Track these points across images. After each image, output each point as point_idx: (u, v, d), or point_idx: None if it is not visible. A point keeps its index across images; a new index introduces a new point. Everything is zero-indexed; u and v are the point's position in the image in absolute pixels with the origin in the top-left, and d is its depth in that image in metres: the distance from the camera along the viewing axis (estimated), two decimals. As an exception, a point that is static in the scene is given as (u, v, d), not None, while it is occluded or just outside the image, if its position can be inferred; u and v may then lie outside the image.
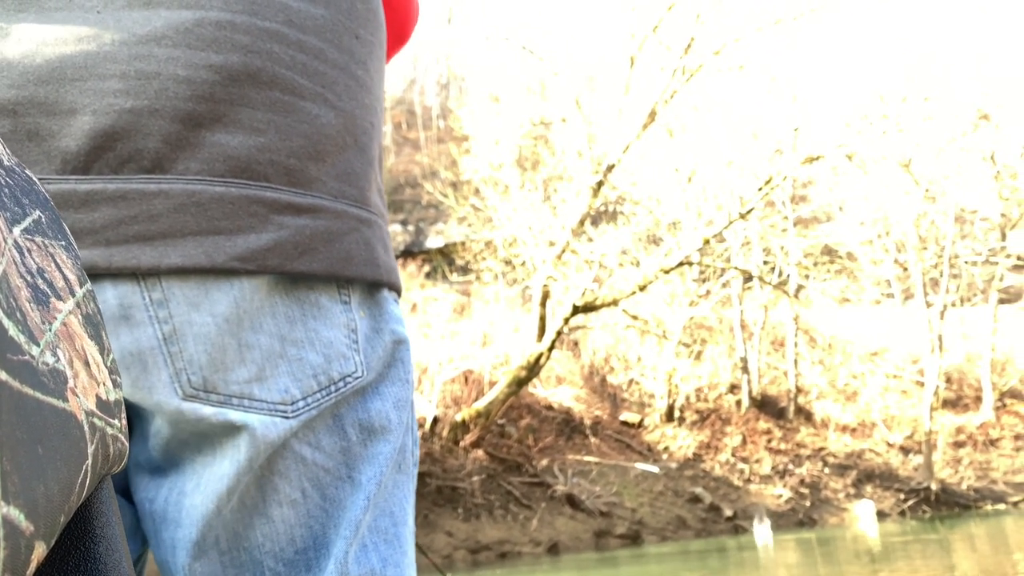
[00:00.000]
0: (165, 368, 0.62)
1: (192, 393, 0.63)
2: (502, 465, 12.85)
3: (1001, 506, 15.39)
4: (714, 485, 14.61)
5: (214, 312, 0.63)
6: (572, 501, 12.50)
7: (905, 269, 18.94)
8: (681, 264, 10.62)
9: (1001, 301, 19.17)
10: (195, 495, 0.66)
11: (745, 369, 17.16)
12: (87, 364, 0.28)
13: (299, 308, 0.67)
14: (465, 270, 18.40)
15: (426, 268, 18.51)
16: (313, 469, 0.67)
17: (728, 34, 10.82)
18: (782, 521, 14.09)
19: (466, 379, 14.46)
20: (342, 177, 0.70)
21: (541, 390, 16.07)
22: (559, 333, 11.69)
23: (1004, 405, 18.26)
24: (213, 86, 0.64)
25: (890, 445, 16.88)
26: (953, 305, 19.14)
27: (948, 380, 18.71)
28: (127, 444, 0.32)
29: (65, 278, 0.30)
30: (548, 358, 12.18)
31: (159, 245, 0.61)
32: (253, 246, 0.63)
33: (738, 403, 17.16)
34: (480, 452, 12.52)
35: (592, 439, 15.19)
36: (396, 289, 0.76)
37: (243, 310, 0.64)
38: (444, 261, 18.84)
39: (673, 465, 15.04)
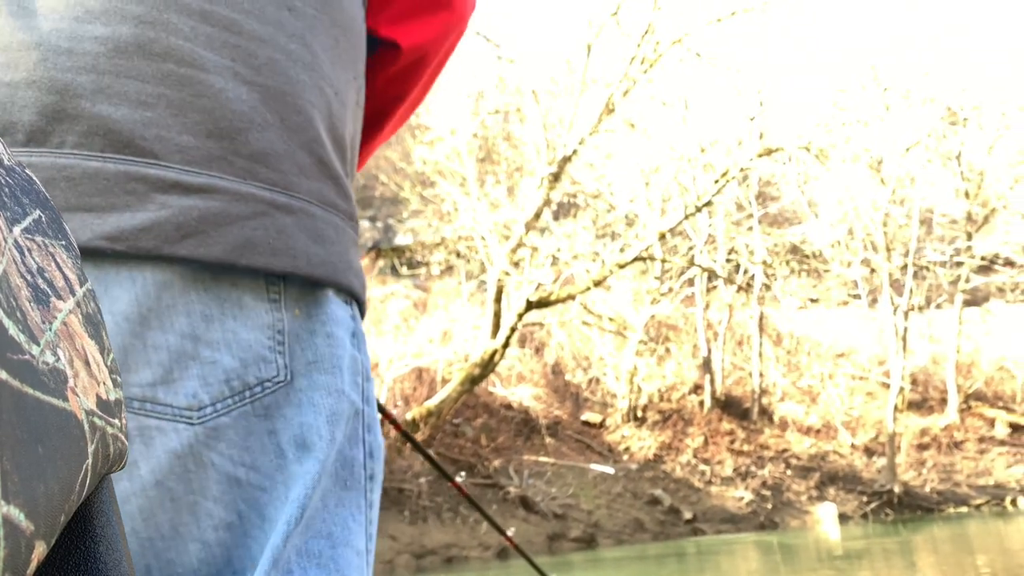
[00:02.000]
0: None
1: None
2: (453, 466, 12.49)
3: (964, 509, 15.31)
4: (674, 487, 14.34)
5: (113, 311, 0.59)
6: (526, 503, 12.15)
7: (872, 270, 18.85)
8: (637, 259, 10.32)
9: (967, 303, 19.15)
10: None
11: (708, 369, 16.91)
12: (87, 363, 0.29)
13: (218, 307, 0.62)
14: (427, 266, 18.10)
15: (394, 264, 18.23)
16: (249, 490, 0.63)
17: (687, 24, 10.56)
18: (743, 524, 13.85)
19: (419, 377, 14.09)
20: (254, 157, 0.64)
21: (500, 389, 15.73)
22: (513, 329, 11.34)
23: (969, 407, 18.22)
24: (97, 57, 0.60)
25: (854, 447, 16.73)
26: (920, 309, 19.10)
27: (914, 382, 18.66)
28: (127, 444, 0.31)
29: (65, 277, 0.30)
30: (503, 355, 11.83)
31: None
32: (125, 225, 0.58)
33: (701, 404, 16.91)
34: (430, 452, 12.11)
35: (551, 439, 14.87)
36: (339, 287, 0.68)
37: (147, 308, 0.60)
38: (408, 258, 18.50)
39: (633, 466, 14.75)
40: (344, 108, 0.73)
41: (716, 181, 10.06)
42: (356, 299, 0.73)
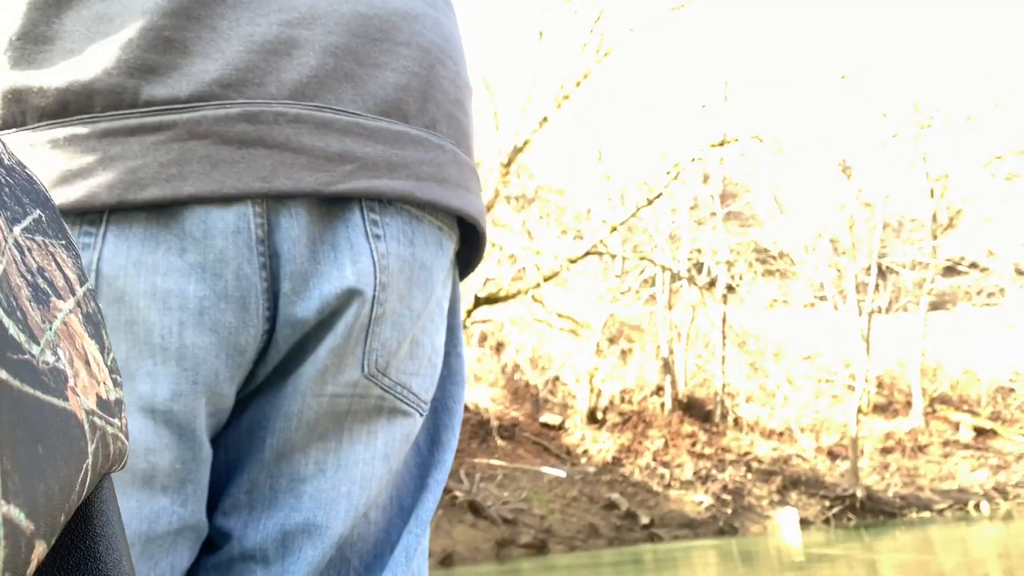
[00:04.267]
0: (361, 343, 0.65)
1: (373, 373, 0.66)
2: (399, 469, 11.95)
3: (926, 514, 15.10)
4: (632, 491, 13.94)
5: (412, 308, 0.67)
6: (474, 508, 11.67)
7: (839, 271, 18.66)
8: (589, 253, 9.93)
9: (935, 307, 19.02)
10: (329, 473, 0.67)
11: (668, 370, 16.54)
12: (87, 363, 0.29)
13: (442, 320, 0.72)
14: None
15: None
16: (399, 477, 0.71)
17: (642, 14, 10.20)
18: (701, 529, 13.48)
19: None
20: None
21: (456, 390, 15.25)
22: (463, 327, 10.86)
23: (934, 411, 18.07)
24: (455, 81, 0.73)
25: (818, 450, 16.46)
26: (888, 311, 18.93)
27: (880, 385, 18.49)
28: (127, 443, 0.32)
29: (65, 277, 0.30)
30: (452, 354, 11.33)
31: (448, 188, 0.68)
32: (480, 207, 0.72)
33: (663, 406, 16.55)
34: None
35: (505, 442, 14.43)
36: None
37: (426, 313, 0.69)
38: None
39: (591, 469, 14.33)
40: None
41: (668, 172, 9.71)
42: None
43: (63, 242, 0.31)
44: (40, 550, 0.22)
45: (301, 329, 0.63)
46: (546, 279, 10.12)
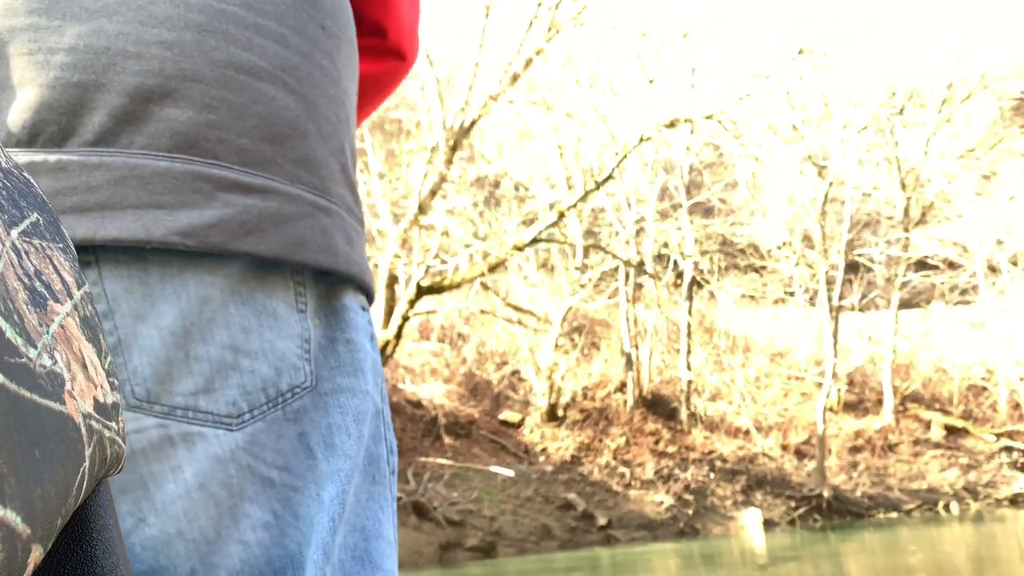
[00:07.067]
0: None
1: (135, 404, 0.62)
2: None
3: (894, 514, 14.77)
4: (590, 491, 13.44)
5: (159, 325, 0.62)
6: (419, 509, 11.10)
7: (811, 267, 18.31)
8: (536, 241, 9.41)
9: (908, 305, 18.76)
10: (151, 520, 0.63)
11: (630, 366, 16.04)
12: (84, 367, 0.29)
13: (255, 318, 0.65)
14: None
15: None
16: (281, 490, 0.66)
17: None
18: (660, 531, 13.00)
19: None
20: (300, 162, 0.67)
21: (410, 386, 14.71)
22: (405, 318, 10.32)
23: (905, 409, 17.77)
24: (163, 62, 0.63)
25: (785, 449, 16.04)
26: (861, 308, 18.64)
27: (851, 383, 18.21)
28: (125, 447, 0.32)
29: (63, 280, 0.30)
30: (396, 347, 10.79)
31: (96, 217, 0.60)
32: (195, 222, 0.62)
33: (626, 403, 16.07)
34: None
35: (461, 440, 13.89)
36: (361, 286, 0.73)
37: (191, 321, 0.63)
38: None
39: (548, 468, 13.81)
40: (353, 121, 0.77)
41: (616, 154, 9.20)
42: (370, 299, 0.77)
43: (60, 245, 0.31)
44: (37, 554, 0.22)
45: None
46: (491, 268, 9.57)
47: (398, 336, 10.75)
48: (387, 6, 0.86)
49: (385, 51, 0.89)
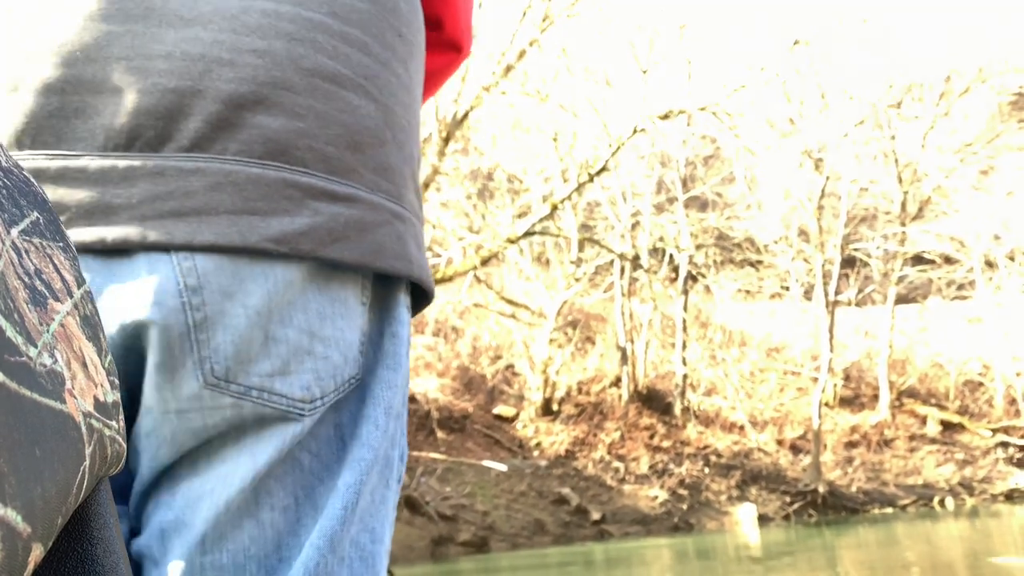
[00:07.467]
0: (190, 354, 0.62)
1: (213, 382, 0.63)
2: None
3: (889, 510, 14.73)
4: (584, 485, 13.37)
5: (247, 304, 0.63)
6: (411, 504, 11.03)
7: (807, 261, 18.26)
8: (529, 234, 9.32)
9: (905, 300, 18.72)
10: (206, 492, 0.65)
11: (625, 360, 15.97)
12: (85, 365, 0.29)
13: (330, 306, 0.67)
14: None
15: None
16: (307, 476, 0.66)
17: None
18: (654, 526, 12.94)
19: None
20: (379, 170, 0.70)
21: (404, 380, 14.63)
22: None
23: (901, 404, 17.73)
24: (256, 70, 0.64)
25: (780, 444, 15.99)
26: (858, 304, 18.60)
27: (847, 378, 18.17)
28: (125, 446, 0.32)
29: (63, 279, 0.30)
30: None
31: (193, 221, 0.61)
32: (287, 229, 0.63)
33: (621, 397, 16.00)
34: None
35: (455, 434, 13.82)
36: (427, 288, 0.76)
37: (275, 303, 0.64)
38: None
39: (543, 463, 13.75)
40: (419, 127, 0.78)
41: (610, 146, 9.11)
42: (428, 301, 0.78)
43: (61, 244, 0.31)
44: (37, 553, 0.22)
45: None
46: (484, 261, 9.48)
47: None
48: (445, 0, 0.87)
49: (441, 44, 0.90)
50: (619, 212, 15.84)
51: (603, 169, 8.94)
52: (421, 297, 0.78)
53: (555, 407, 15.32)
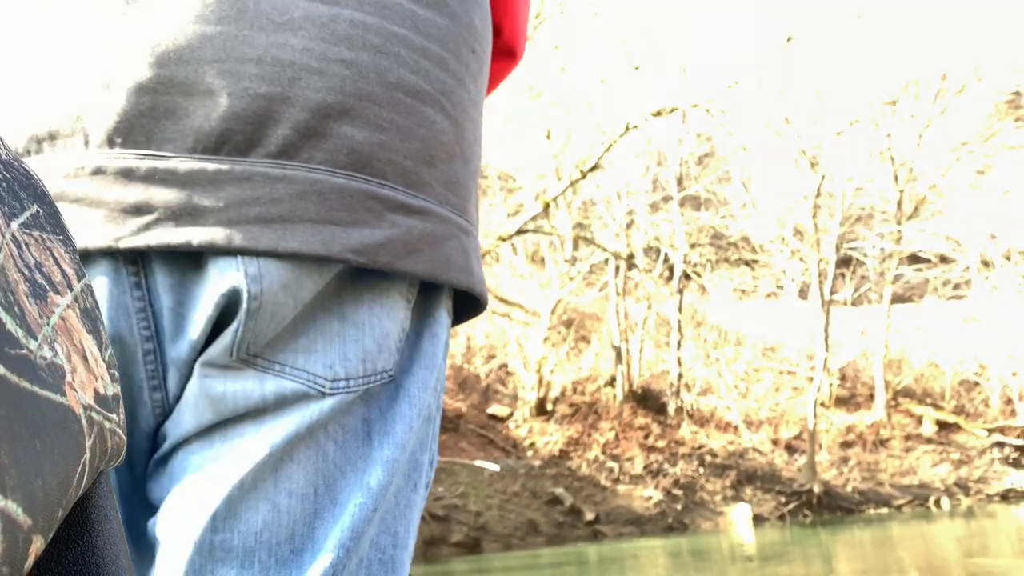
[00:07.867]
0: (232, 335, 0.62)
1: (244, 358, 0.63)
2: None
3: (885, 510, 14.68)
4: (578, 485, 13.29)
5: (297, 296, 0.64)
6: (403, 504, 10.92)
7: (802, 260, 18.21)
8: (521, 232, 9.23)
9: (901, 300, 18.69)
10: (221, 467, 0.64)
11: (620, 360, 15.90)
12: (85, 358, 0.29)
13: (369, 294, 0.68)
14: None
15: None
16: (330, 466, 0.66)
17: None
18: (648, 526, 12.87)
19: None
20: (448, 184, 0.71)
21: (397, 379, 14.55)
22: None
23: (897, 404, 17.70)
24: (343, 80, 0.65)
25: (775, 444, 15.93)
26: (854, 303, 18.56)
27: (843, 378, 18.13)
28: (125, 438, 0.32)
29: (63, 272, 0.30)
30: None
31: (278, 228, 0.62)
32: (367, 240, 0.64)
33: (615, 397, 15.93)
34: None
35: (448, 434, 13.73)
36: (483, 300, 0.77)
37: (321, 296, 0.66)
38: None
39: (536, 463, 13.66)
40: (481, 142, 0.79)
41: (603, 143, 9.03)
42: (480, 310, 0.79)
43: (61, 237, 0.31)
44: (38, 545, 0.22)
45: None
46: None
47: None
48: (506, 6, 0.87)
49: (498, 50, 0.90)
50: (614, 211, 15.78)
51: (596, 166, 8.86)
52: (473, 306, 0.78)
53: (549, 407, 15.25)
